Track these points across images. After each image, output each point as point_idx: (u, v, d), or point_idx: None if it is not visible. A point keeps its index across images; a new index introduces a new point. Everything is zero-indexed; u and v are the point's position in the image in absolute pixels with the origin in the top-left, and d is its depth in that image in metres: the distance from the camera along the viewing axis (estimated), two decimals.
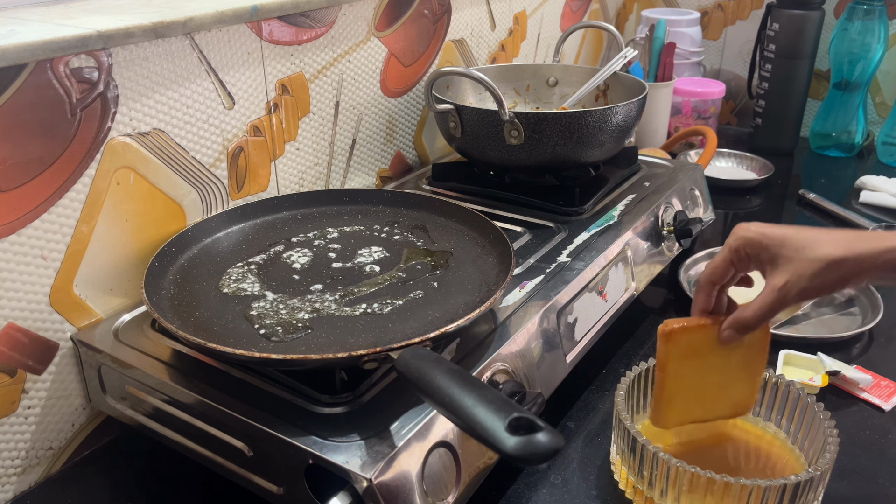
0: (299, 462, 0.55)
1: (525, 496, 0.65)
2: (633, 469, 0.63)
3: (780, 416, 0.69)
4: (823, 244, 0.56)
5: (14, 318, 0.65)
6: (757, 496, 0.57)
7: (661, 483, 0.61)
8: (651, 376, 0.69)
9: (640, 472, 0.62)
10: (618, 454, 0.66)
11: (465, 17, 1.15)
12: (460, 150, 0.99)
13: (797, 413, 0.67)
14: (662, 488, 0.61)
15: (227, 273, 0.73)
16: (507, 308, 0.71)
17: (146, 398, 0.65)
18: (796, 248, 0.57)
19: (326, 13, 0.90)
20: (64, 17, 0.69)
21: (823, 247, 0.56)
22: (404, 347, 0.55)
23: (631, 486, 0.65)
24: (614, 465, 0.67)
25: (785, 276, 0.57)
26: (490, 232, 0.77)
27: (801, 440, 0.66)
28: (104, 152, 0.69)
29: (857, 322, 0.90)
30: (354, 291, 0.70)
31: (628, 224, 0.89)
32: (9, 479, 0.67)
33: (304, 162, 0.93)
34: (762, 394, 0.69)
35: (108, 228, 0.71)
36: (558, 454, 0.57)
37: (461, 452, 0.59)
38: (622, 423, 0.63)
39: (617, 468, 0.67)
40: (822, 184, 1.33)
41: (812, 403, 0.65)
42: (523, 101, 1.18)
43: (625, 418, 0.63)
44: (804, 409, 0.66)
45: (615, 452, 0.67)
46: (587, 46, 1.60)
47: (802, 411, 0.66)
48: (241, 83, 0.81)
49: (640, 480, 0.63)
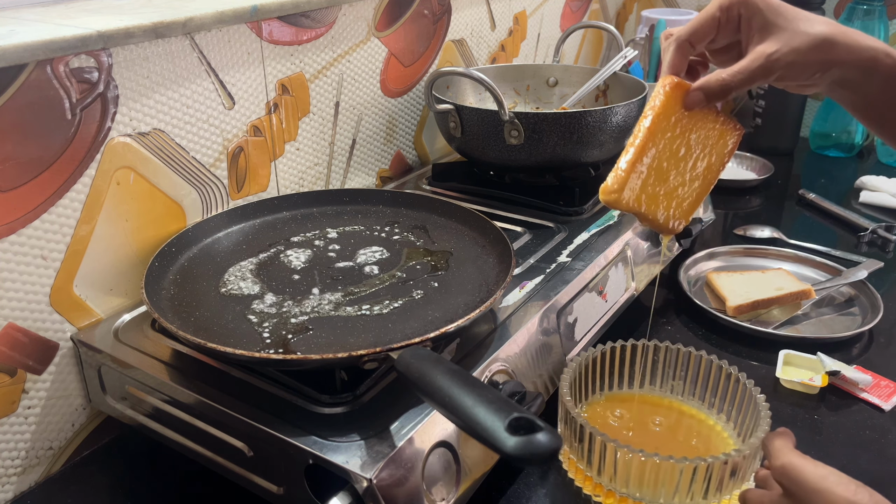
0: (299, 462, 0.55)
1: (525, 496, 0.65)
2: (581, 457, 0.64)
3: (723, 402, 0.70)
4: (818, 22, 0.55)
5: (14, 318, 0.65)
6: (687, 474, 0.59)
7: (609, 469, 0.61)
8: (593, 365, 0.71)
9: (589, 459, 0.63)
10: (565, 444, 0.66)
11: (465, 17, 1.15)
12: (460, 150, 0.99)
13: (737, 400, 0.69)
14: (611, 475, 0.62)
15: (227, 273, 0.73)
16: (507, 308, 0.71)
17: (146, 398, 0.65)
18: (791, 19, 0.55)
19: (326, 13, 0.90)
20: (64, 17, 0.69)
21: (818, 24, 0.55)
22: (404, 347, 0.55)
23: (581, 474, 0.65)
24: (562, 455, 0.68)
25: (776, 44, 0.55)
26: (490, 232, 0.77)
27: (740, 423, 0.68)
28: (104, 152, 0.69)
29: (857, 322, 0.90)
30: (354, 291, 0.70)
31: (628, 224, 0.89)
32: (9, 479, 0.67)
33: (304, 162, 0.93)
34: (707, 381, 0.71)
35: (108, 228, 0.71)
36: (558, 454, 0.57)
37: (461, 452, 0.59)
38: (568, 411, 0.64)
39: (565, 457, 0.67)
40: (822, 184, 1.33)
41: (751, 388, 0.66)
42: (523, 101, 1.18)
43: (569, 404, 0.64)
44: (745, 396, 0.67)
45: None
46: (587, 46, 1.60)
47: (742, 399, 0.68)
48: (241, 83, 0.81)
49: (588, 468, 0.64)
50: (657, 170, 0.58)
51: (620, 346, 0.73)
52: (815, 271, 1.01)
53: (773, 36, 0.55)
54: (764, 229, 1.13)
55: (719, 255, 1.04)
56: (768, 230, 1.13)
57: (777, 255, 1.04)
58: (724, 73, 0.56)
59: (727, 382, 0.69)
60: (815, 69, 0.55)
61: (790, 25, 0.55)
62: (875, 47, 0.55)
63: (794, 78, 0.56)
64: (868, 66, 0.55)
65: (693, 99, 0.57)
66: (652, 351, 0.73)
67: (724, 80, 0.56)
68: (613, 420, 0.71)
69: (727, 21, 0.57)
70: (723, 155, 0.61)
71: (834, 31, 0.55)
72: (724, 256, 1.04)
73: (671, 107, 0.58)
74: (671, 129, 0.58)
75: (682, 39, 0.58)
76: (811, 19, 0.55)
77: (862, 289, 0.95)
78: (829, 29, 0.55)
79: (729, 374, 0.69)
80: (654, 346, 0.73)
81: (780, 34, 0.55)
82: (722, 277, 0.96)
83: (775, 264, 1.02)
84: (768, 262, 1.03)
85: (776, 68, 0.55)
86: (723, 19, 0.57)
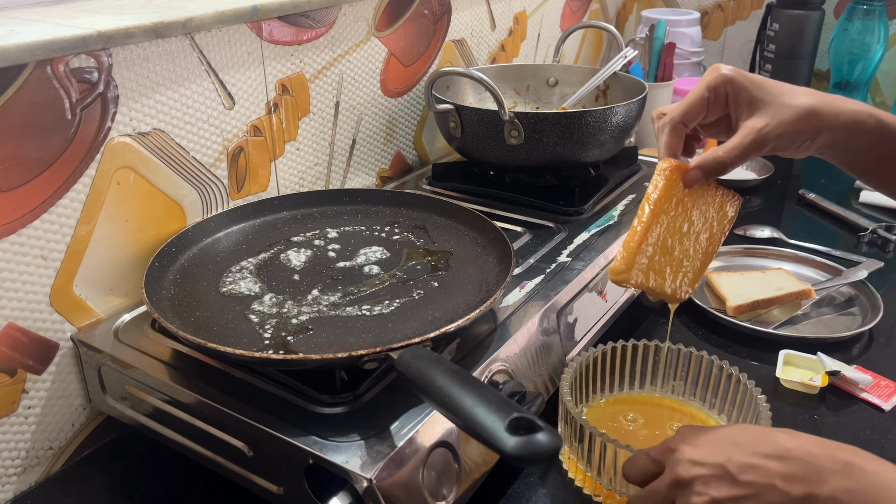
0: (299, 462, 0.55)
1: (525, 496, 0.65)
2: (581, 457, 0.64)
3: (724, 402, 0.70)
4: (800, 94, 0.57)
5: (14, 318, 0.65)
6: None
7: (609, 470, 0.61)
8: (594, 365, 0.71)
9: (589, 459, 0.63)
10: (565, 444, 0.66)
11: (465, 17, 1.15)
12: (460, 150, 0.99)
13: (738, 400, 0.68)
14: (611, 476, 0.62)
15: (227, 273, 0.73)
16: (507, 308, 0.71)
17: (146, 398, 0.65)
18: (775, 94, 0.57)
19: (326, 13, 0.90)
20: (64, 17, 0.69)
21: (801, 96, 0.57)
22: (404, 347, 0.55)
23: (581, 474, 0.65)
24: (562, 455, 0.68)
25: (764, 119, 0.57)
26: (490, 232, 0.77)
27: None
28: (104, 152, 0.69)
29: (857, 322, 0.90)
30: (354, 291, 0.70)
31: (628, 224, 0.89)
32: (9, 479, 0.67)
33: (304, 162, 0.93)
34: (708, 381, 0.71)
35: (108, 228, 0.71)
36: (558, 454, 0.57)
37: (461, 452, 0.59)
38: (568, 411, 0.64)
39: (565, 457, 0.67)
40: (822, 184, 1.33)
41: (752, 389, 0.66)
42: (523, 101, 1.18)
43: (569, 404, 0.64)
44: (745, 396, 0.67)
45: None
46: (587, 46, 1.60)
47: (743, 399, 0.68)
48: (241, 83, 0.81)
49: (588, 468, 0.64)
50: (662, 247, 0.61)
51: (621, 346, 0.73)
52: (815, 271, 1.01)
53: (760, 111, 0.58)
54: (764, 229, 1.13)
55: (719, 255, 1.04)
56: (768, 230, 1.13)
57: (777, 255, 1.04)
58: (720, 151, 0.58)
59: (728, 383, 0.69)
60: (804, 137, 0.58)
61: (775, 100, 0.57)
62: (857, 110, 0.58)
63: (785, 148, 0.59)
64: (854, 127, 0.58)
65: (692, 177, 0.60)
66: (653, 351, 0.73)
67: (720, 158, 0.58)
68: (615, 422, 0.71)
69: (715, 99, 0.60)
70: (724, 224, 0.64)
71: (817, 100, 0.57)
72: (724, 256, 1.04)
73: (672, 188, 0.60)
74: (673, 208, 0.61)
75: (675, 122, 0.61)
76: (794, 92, 0.58)
77: (862, 289, 0.95)
78: (812, 100, 0.57)
79: (730, 375, 0.69)
80: (655, 347, 0.73)
81: (767, 109, 0.57)
82: (722, 277, 0.96)
83: (775, 264, 1.02)
84: (768, 262, 1.03)
85: (768, 141, 0.57)
86: (711, 98, 0.59)
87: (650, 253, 0.60)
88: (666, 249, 0.61)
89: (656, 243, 0.60)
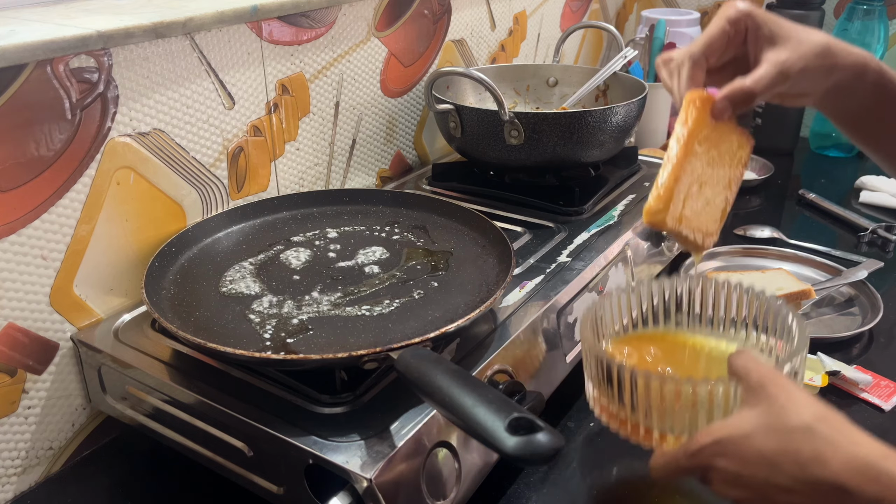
0: (299, 462, 0.55)
1: (525, 496, 0.65)
2: (612, 398, 0.58)
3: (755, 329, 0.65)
4: (813, 32, 0.59)
5: (14, 318, 0.65)
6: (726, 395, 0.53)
7: (643, 403, 0.55)
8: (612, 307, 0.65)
9: (621, 398, 0.57)
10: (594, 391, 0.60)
11: (465, 17, 1.15)
12: (460, 150, 0.99)
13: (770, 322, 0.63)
14: (646, 408, 0.56)
15: (227, 273, 0.73)
16: (507, 308, 0.71)
17: (146, 398, 0.65)
18: (793, 30, 0.58)
19: (326, 13, 0.90)
20: (64, 17, 0.69)
21: (816, 34, 0.58)
22: (404, 347, 0.55)
23: (615, 418, 0.59)
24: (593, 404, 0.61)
25: (786, 52, 0.57)
26: (490, 232, 0.77)
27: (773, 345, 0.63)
28: (104, 152, 0.69)
29: (857, 322, 0.90)
30: (354, 291, 0.70)
31: (628, 224, 0.89)
32: (9, 479, 0.67)
33: (304, 162, 0.93)
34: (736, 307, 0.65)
35: (108, 228, 0.71)
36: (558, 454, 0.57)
37: (461, 452, 0.59)
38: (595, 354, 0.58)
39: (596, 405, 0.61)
40: (822, 184, 1.33)
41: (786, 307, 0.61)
42: (523, 101, 1.18)
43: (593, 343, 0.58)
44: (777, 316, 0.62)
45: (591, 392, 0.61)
46: (587, 46, 1.60)
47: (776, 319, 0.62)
48: (241, 83, 0.81)
49: (621, 409, 0.57)
50: (694, 185, 0.59)
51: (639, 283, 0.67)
52: (815, 271, 1.01)
53: (780, 45, 0.58)
54: (764, 229, 1.13)
55: (719, 255, 1.04)
56: (768, 230, 1.13)
57: (777, 255, 1.04)
58: (746, 81, 0.58)
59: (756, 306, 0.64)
60: (820, 74, 0.59)
61: (794, 35, 0.58)
62: (863, 53, 0.60)
63: (802, 86, 0.59)
64: (859, 70, 0.59)
65: (720, 108, 0.59)
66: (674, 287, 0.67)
67: (747, 88, 0.58)
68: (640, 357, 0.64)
69: (735, 34, 0.60)
70: (741, 165, 0.62)
71: (829, 39, 0.59)
72: (723, 256, 1.04)
73: (702, 121, 0.58)
74: (702, 143, 0.59)
75: (697, 56, 0.60)
76: (808, 30, 0.59)
77: (862, 289, 0.95)
78: (826, 38, 0.59)
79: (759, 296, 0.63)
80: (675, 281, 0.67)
81: (787, 43, 0.58)
82: (722, 277, 0.96)
83: (775, 264, 1.02)
84: (768, 262, 1.03)
85: (790, 74, 0.58)
86: (731, 32, 0.60)
87: (683, 192, 0.57)
88: (697, 188, 0.58)
89: (689, 181, 0.58)
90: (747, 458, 0.49)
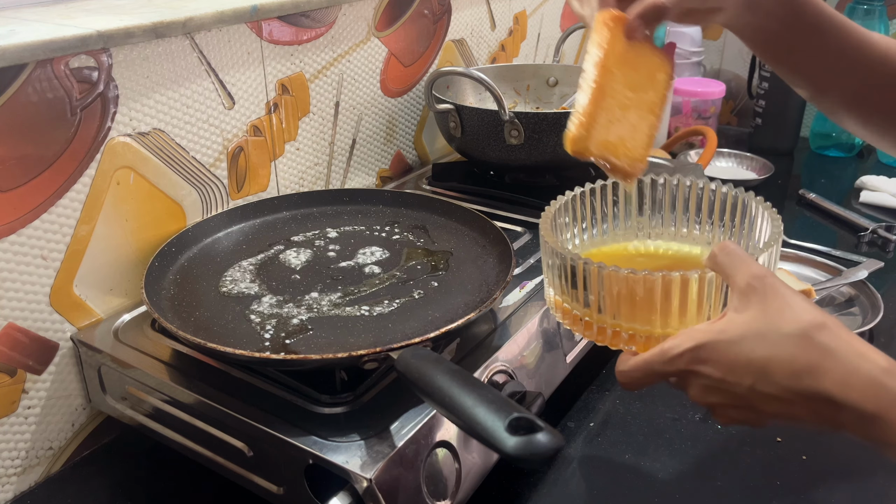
0: (299, 462, 0.55)
1: (525, 496, 0.65)
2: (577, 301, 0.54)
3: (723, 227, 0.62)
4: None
5: (14, 318, 0.65)
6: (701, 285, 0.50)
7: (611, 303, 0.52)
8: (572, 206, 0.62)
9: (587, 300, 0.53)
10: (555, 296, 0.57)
11: (465, 17, 1.15)
12: (460, 150, 0.99)
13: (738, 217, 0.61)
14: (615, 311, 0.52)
15: (226, 273, 0.73)
16: (507, 308, 0.71)
17: (146, 398, 0.65)
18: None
19: (326, 13, 0.90)
20: (64, 17, 0.69)
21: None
22: (404, 347, 0.55)
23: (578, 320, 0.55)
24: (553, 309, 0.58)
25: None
26: (490, 232, 0.77)
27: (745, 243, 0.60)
28: (104, 152, 0.69)
29: (857, 322, 0.90)
30: (354, 291, 0.70)
31: None
32: (9, 479, 0.67)
33: (304, 162, 0.93)
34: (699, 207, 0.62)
35: (108, 228, 0.71)
36: (558, 454, 0.57)
37: (461, 452, 0.59)
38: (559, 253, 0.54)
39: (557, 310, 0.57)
40: (822, 184, 1.33)
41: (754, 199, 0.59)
42: (523, 101, 1.18)
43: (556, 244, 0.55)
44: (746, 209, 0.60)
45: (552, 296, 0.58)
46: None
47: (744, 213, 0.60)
48: (241, 83, 0.81)
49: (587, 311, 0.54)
50: (614, 109, 0.55)
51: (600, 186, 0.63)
52: (815, 271, 1.00)
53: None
54: None
55: None
56: None
57: None
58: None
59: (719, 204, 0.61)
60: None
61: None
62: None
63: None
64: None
65: (633, 26, 0.56)
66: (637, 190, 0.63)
67: (657, 2, 0.56)
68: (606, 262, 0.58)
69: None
70: (664, 88, 0.59)
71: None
72: None
73: (617, 41, 0.56)
74: (620, 66, 0.56)
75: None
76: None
77: (862, 289, 0.95)
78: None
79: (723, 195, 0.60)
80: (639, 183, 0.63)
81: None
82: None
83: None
84: None
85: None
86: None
87: (605, 117, 0.54)
88: (618, 112, 0.55)
89: (609, 104, 0.54)
90: (734, 365, 0.45)
